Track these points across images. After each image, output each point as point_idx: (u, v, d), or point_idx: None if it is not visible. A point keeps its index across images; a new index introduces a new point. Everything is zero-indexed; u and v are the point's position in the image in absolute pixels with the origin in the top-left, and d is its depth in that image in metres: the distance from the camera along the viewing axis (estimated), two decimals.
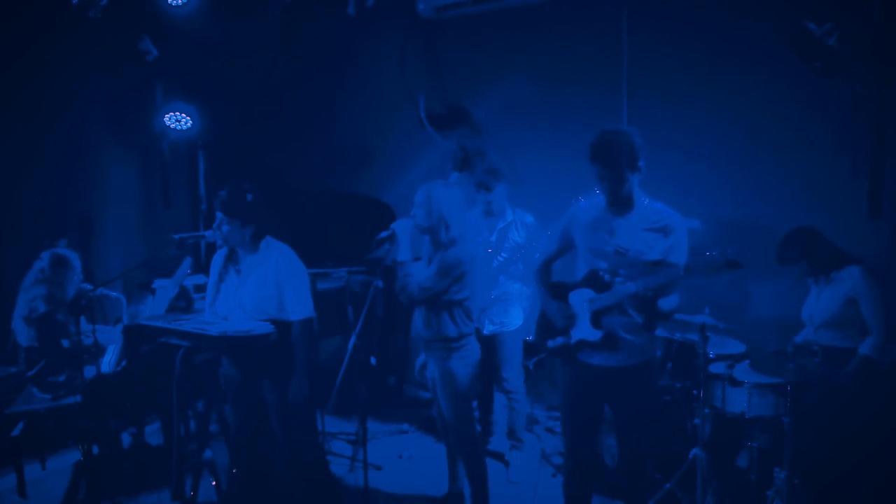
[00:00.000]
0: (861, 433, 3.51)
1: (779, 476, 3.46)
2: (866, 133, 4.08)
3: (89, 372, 3.95)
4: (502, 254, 4.43)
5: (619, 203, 2.96)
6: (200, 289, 4.74)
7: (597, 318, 3.02)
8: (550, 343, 3.17)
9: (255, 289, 3.55)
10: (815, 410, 3.55)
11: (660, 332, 3.97)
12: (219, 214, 3.54)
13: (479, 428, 3.64)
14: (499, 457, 4.65)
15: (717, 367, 3.76)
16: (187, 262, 4.58)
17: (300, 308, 3.56)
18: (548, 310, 3.20)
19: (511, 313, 4.45)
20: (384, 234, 3.52)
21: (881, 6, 3.86)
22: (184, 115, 5.58)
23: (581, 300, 3.06)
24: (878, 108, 4.01)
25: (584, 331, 3.05)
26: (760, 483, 3.64)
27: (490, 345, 4.39)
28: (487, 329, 4.41)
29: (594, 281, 3.01)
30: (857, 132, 4.13)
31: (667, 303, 2.95)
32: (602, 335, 2.99)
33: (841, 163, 4.21)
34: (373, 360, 3.90)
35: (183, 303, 4.58)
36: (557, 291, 3.17)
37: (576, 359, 3.10)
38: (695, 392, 3.76)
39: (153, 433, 4.85)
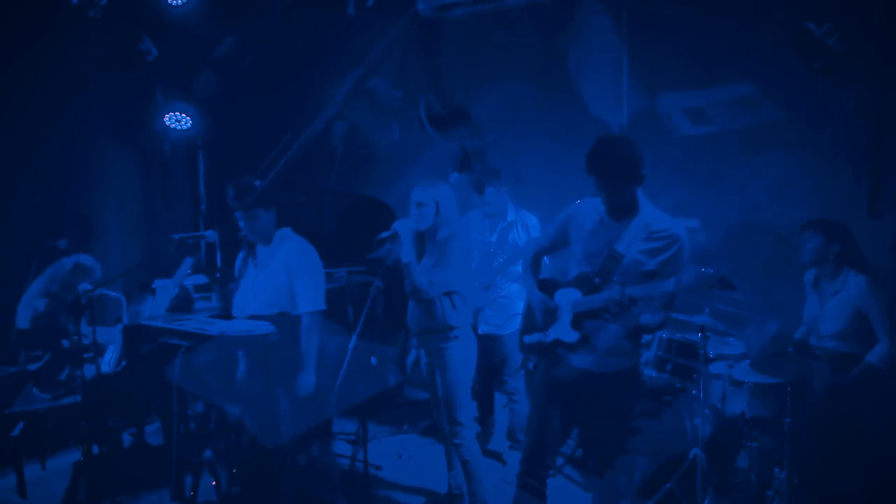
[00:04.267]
0: (861, 434, 3.51)
1: (779, 476, 3.46)
2: (866, 133, 4.07)
3: (89, 372, 3.95)
4: (502, 254, 4.42)
5: (620, 210, 2.88)
6: (200, 289, 4.74)
7: (577, 320, 2.96)
8: (527, 338, 3.16)
9: (269, 280, 3.61)
10: (816, 411, 3.55)
11: (659, 332, 3.98)
12: (237, 214, 3.58)
13: (478, 428, 3.65)
14: (497, 456, 4.65)
15: (717, 367, 3.76)
16: (187, 262, 4.58)
17: (310, 300, 3.58)
18: (532, 301, 3.16)
19: (508, 315, 4.43)
20: (385, 234, 3.53)
21: (881, 6, 3.86)
22: (184, 115, 5.58)
23: (566, 300, 3.01)
24: (878, 108, 4.01)
25: (562, 330, 3.00)
26: (760, 483, 3.64)
27: (488, 345, 4.39)
28: (482, 329, 4.41)
29: (583, 283, 2.95)
30: (857, 132, 4.13)
31: (651, 317, 2.85)
32: (579, 337, 2.93)
33: (841, 163, 4.22)
34: (373, 360, 3.92)
35: (183, 303, 4.58)
36: (545, 287, 3.13)
37: (555, 357, 3.04)
38: (695, 392, 3.76)
39: (153, 433, 4.84)
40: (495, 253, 4.43)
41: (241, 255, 3.80)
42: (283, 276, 3.58)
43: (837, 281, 3.71)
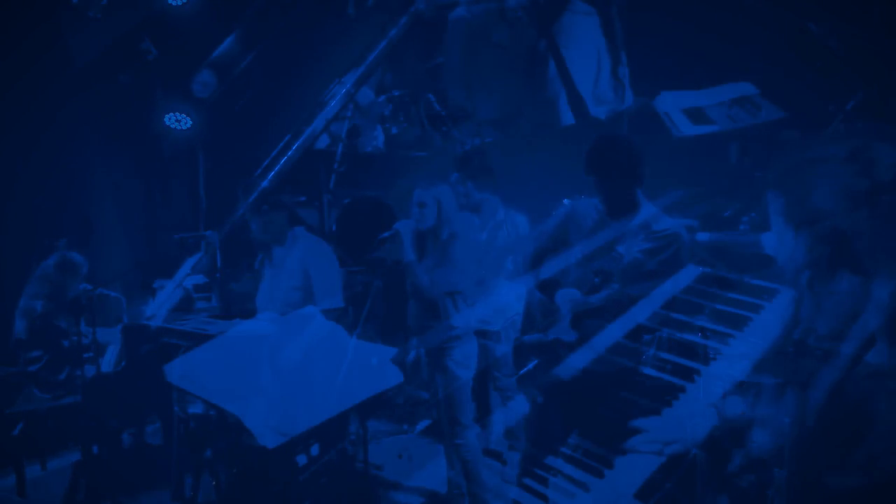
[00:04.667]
0: (862, 434, 3.50)
1: (779, 476, 3.46)
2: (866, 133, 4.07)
3: (89, 372, 3.95)
4: (493, 252, 4.43)
5: (620, 210, 2.87)
6: (200, 289, 4.74)
7: (577, 320, 2.95)
8: (527, 338, 3.17)
9: (284, 280, 3.63)
10: (816, 411, 3.54)
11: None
12: (248, 216, 3.59)
13: (479, 428, 3.66)
14: (497, 456, 4.65)
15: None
16: (188, 262, 4.58)
17: (327, 298, 3.60)
18: (532, 301, 3.17)
19: (498, 311, 4.43)
20: (386, 234, 3.53)
21: (881, 6, 3.87)
22: (184, 114, 5.59)
23: (566, 300, 3.00)
24: (878, 108, 4.02)
25: (561, 330, 2.99)
26: (760, 483, 3.63)
27: (480, 341, 4.39)
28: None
29: (583, 282, 2.95)
30: (857, 132, 4.13)
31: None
32: (578, 338, 2.93)
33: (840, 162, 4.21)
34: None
35: (183, 303, 4.58)
36: (546, 287, 3.12)
37: (555, 357, 3.02)
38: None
39: (153, 433, 4.84)
40: (486, 251, 4.43)
41: (259, 257, 3.84)
42: (298, 275, 3.59)
43: (833, 281, 3.70)
